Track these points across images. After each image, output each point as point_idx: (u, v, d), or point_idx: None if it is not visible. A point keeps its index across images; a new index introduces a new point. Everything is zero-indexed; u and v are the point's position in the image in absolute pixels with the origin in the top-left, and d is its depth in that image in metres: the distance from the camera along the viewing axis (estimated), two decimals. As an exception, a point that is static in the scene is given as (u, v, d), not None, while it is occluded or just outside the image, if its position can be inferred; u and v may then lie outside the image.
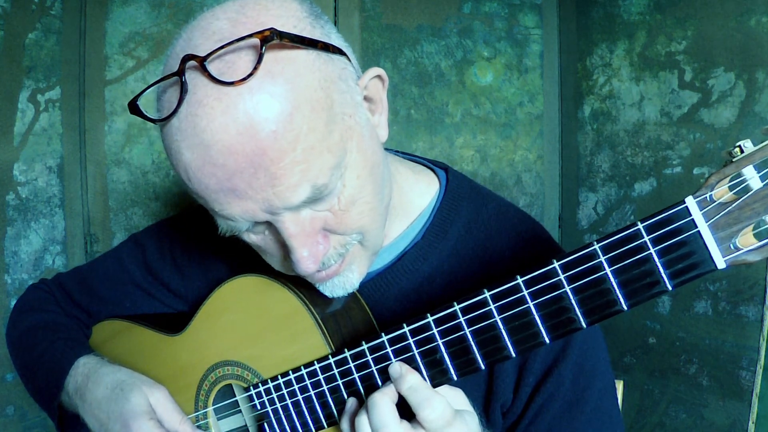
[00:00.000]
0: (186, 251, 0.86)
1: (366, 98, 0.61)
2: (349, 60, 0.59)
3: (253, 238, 0.61)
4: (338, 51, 0.57)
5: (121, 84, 1.68)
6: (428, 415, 0.55)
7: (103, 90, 1.67)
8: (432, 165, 0.80)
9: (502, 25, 1.88)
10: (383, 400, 0.57)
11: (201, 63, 0.50)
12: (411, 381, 0.57)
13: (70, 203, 1.66)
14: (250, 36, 0.50)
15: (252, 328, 0.72)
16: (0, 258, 1.58)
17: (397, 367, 0.59)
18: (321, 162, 0.54)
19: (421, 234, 0.73)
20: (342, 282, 0.64)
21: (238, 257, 0.80)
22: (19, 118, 1.58)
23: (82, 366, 0.80)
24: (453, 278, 0.71)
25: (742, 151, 0.45)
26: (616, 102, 1.74)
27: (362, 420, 0.58)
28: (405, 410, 0.57)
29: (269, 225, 0.58)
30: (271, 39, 0.50)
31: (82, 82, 1.65)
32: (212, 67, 0.50)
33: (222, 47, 0.50)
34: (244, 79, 0.49)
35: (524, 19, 1.90)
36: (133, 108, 0.56)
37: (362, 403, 0.63)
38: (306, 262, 0.57)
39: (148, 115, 0.55)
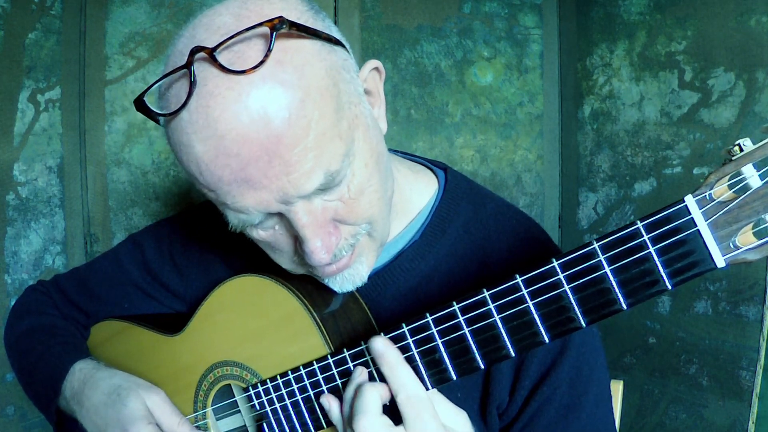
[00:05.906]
0: (185, 251, 0.86)
1: (365, 91, 0.62)
2: (349, 53, 0.60)
3: (261, 234, 0.60)
4: (339, 43, 0.58)
5: (121, 84, 1.68)
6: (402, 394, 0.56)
7: (103, 90, 1.67)
8: (431, 165, 0.80)
9: (502, 25, 1.88)
10: (370, 390, 0.58)
11: (210, 54, 0.50)
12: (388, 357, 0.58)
13: (70, 203, 1.66)
14: (260, 24, 0.50)
15: (251, 328, 0.72)
16: (0, 258, 1.58)
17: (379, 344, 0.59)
18: (332, 148, 0.54)
19: (420, 233, 0.73)
20: (351, 275, 0.64)
21: (238, 257, 0.80)
22: (19, 118, 1.58)
23: (78, 371, 0.80)
24: (451, 278, 0.71)
25: (741, 150, 0.45)
26: (616, 102, 1.74)
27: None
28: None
29: (280, 218, 0.58)
30: (281, 27, 0.50)
31: (82, 82, 1.65)
32: (221, 58, 0.50)
33: (231, 37, 0.50)
34: (255, 68, 0.50)
35: (524, 19, 1.90)
36: (140, 105, 0.55)
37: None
38: (319, 253, 0.57)
39: (157, 110, 0.55)
